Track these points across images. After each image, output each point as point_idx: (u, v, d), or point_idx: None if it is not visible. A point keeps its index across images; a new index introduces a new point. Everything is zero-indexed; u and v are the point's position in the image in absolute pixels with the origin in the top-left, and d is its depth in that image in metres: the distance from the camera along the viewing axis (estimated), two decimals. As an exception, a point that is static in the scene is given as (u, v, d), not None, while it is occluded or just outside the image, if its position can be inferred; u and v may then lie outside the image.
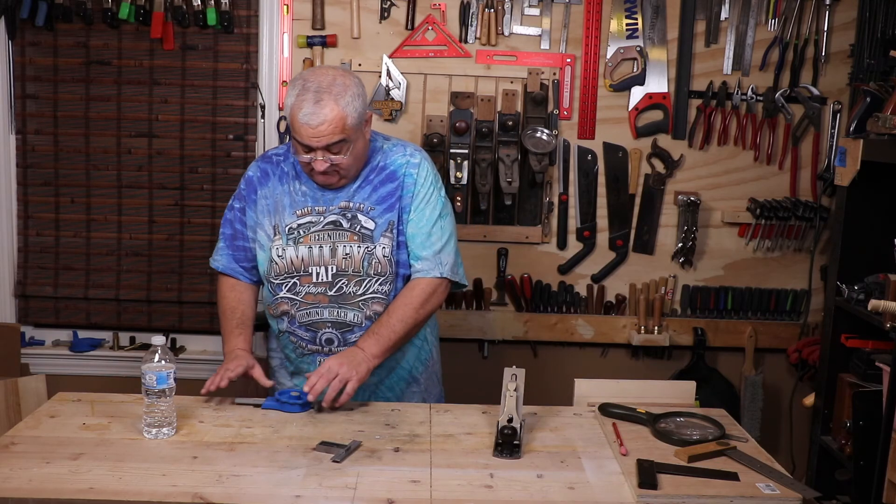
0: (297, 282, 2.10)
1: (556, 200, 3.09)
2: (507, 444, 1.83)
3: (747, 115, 3.05)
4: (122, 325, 3.17)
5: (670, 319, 3.14)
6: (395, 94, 2.98)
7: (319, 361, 2.12)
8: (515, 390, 1.85)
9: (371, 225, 2.09)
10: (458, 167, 2.99)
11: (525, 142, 2.93)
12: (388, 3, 2.95)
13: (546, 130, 2.95)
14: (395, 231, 2.10)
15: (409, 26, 2.96)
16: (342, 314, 2.11)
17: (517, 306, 3.14)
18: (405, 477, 1.72)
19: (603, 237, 3.13)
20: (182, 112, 3.04)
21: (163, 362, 1.84)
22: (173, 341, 3.18)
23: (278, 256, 2.10)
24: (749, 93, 3.03)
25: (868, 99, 2.64)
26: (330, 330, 2.12)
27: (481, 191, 2.98)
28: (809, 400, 2.87)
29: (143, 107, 3.04)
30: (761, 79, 3.04)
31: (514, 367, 1.89)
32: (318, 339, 2.13)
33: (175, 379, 1.86)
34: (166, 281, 3.12)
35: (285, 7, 2.95)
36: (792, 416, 3.17)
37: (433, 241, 2.12)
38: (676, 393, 2.18)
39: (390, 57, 2.97)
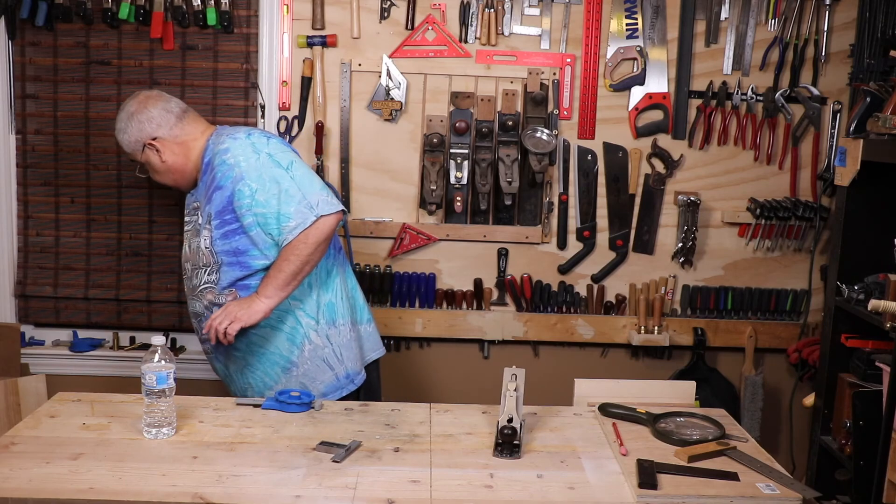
0: (185, 278, 2.36)
1: (556, 200, 3.09)
2: (507, 444, 1.83)
3: (747, 115, 3.05)
4: (122, 325, 3.16)
5: (670, 319, 3.14)
6: (395, 94, 2.98)
7: (204, 350, 2.40)
8: (515, 390, 1.85)
9: (200, 220, 2.26)
10: (458, 167, 2.99)
11: (525, 142, 2.93)
12: (388, 3, 2.95)
13: (546, 130, 2.95)
14: (212, 222, 2.21)
15: (409, 26, 2.96)
16: (195, 305, 2.33)
17: (517, 306, 3.14)
18: (405, 477, 1.72)
19: (603, 237, 3.13)
20: (182, 112, 3.04)
21: (163, 362, 1.84)
22: (173, 341, 3.18)
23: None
24: (749, 93, 3.03)
25: (868, 99, 2.64)
26: (195, 320, 2.37)
27: (481, 191, 2.98)
28: (809, 400, 2.88)
29: (143, 107, 3.03)
30: (761, 79, 3.04)
31: (514, 367, 1.89)
32: (196, 330, 2.38)
33: (175, 379, 1.86)
34: (166, 281, 3.12)
35: (285, 7, 2.95)
36: (792, 416, 3.17)
37: (294, 201, 2.16)
38: (676, 393, 2.19)
39: (390, 57, 2.97)
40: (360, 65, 2.98)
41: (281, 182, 2.16)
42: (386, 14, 2.96)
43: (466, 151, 2.99)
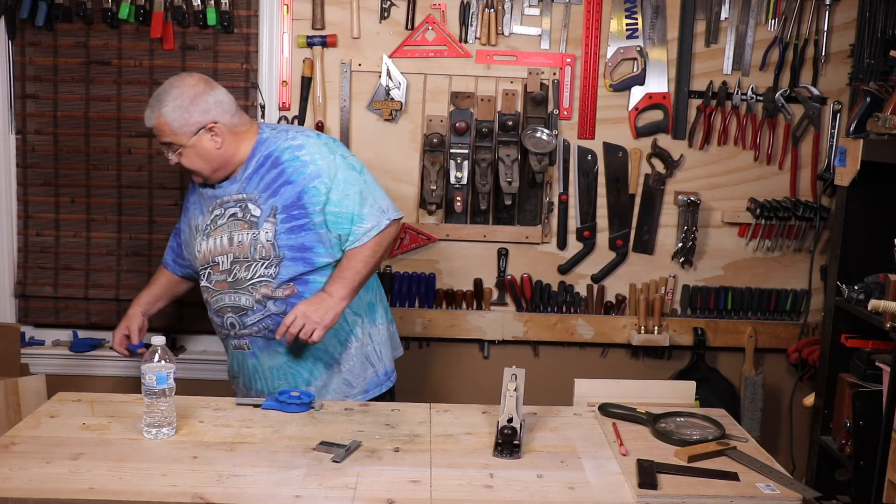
0: (210, 271, 2.28)
1: (556, 200, 3.09)
2: (507, 444, 1.83)
3: (747, 115, 3.05)
4: (122, 325, 3.16)
5: (670, 319, 3.14)
6: (395, 94, 2.98)
7: (233, 345, 2.31)
8: (515, 390, 1.85)
9: (258, 212, 2.21)
10: (458, 167, 2.99)
11: (525, 142, 2.93)
12: (388, 3, 2.95)
13: (546, 130, 2.95)
14: (278, 216, 2.19)
15: (409, 26, 2.96)
16: (237, 299, 2.24)
17: (517, 306, 3.14)
18: (405, 477, 1.72)
19: (603, 237, 3.13)
20: (182, 112, 3.04)
21: (163, 362, 1.84)
22: (173, 341, 3.18)
23: (197, 251, 2.31)
24: (749, 93, 3.03)
25: (868, 99, 2.64)
26: (231, 314, 2.26)
27: (481, 191, 2.98)
28: (809, 400, 2.88)
29: (143, 107, 3.00)
30: (761, 79, 3.04)
31: (514, 367, 1.89)
32: (224, 324, 2.29)
33: (175, 379, 1.86)
34: (166, 281, 3.12)
35: (285, 7, 2.95)
36: (792, 416, 3.17)
37: (368, 204, 2.23)
38: (676, 393, 2.19)
39: (390, 57, 2.97)
40: (360, 65, 2.98)
41: (356, 185, 2.23)
42: (386, 14, 2.96)
43: (466, 151, 2.99)
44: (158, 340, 1.86)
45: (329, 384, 2.31)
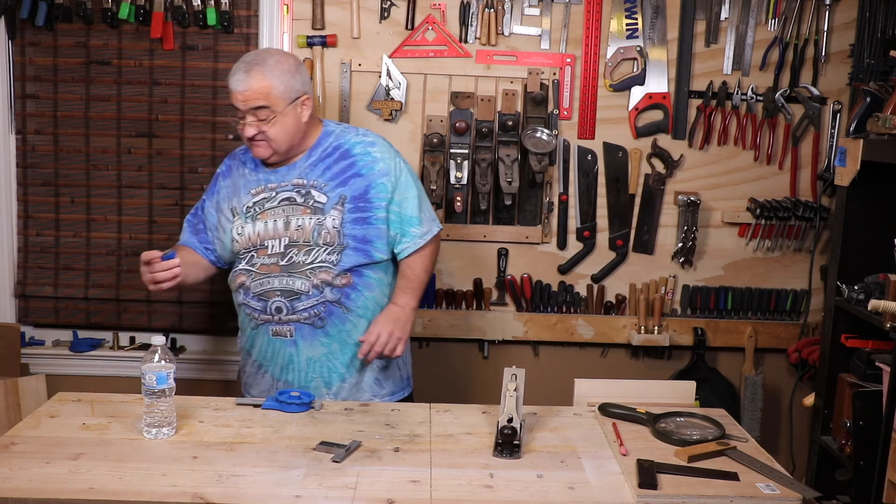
0: (255, 254, 2.26)
1: (556, 200, 3.09)
2: (507, 444, 1.83)
3: (747, 115, 3.05)
4: (122, 325, 3.16)
5: (670, 319, 3.14)
6: (395, 94, 2.98)
7: (272, 331, 2.27)
8: (515, 390, 1.85)
9: (323, 199, 2.24)
10: (458, 167, 2.99)
11: (525, 142, 2.93)
12: (388, 3, 2.95)
13: (546, 130, 2.95)
14: (346, 205, 2.23)
15: (409, 26, 2.96)
16: (291, 282, 2.23)
17: (517, 306, 3.14)
18: (405, 477, 1.72)
19: (603, 237, 3.13)
20: (182, 112, 3.04)
21: (163, 362, 1.84)
22: (173, 341, 3.18)
23: (238, 234, 2.28)
24: (749, 93, 3.03)
25: (868, 99, 2.64)
26: (279, 298, 2.24)
27: (481, 191, 2.98)
28: (809, 400, 2.88)
29: (143, 107, 3.04)
30: (761, 79, 3.04)
31: (514, 367, 1.89)
32: (268, 308, 2.26)
33: (175, 379, 1.86)
34: (166, 281, 3.12)
35: (285, 7, 2.95)
36: (792, 416, 3.17)
37: (424, 210, 2.34)
38: (676, 393, 2.19)
39: (390, 57, 2.97)
40: (360, 65, 2.98)
41: (414, 189, 2.32)
42: (386, 14, 2.96)
43: (466, 151, 2.99)
44: (158, 340, 1.86)
45: (361, 382, 2.33)
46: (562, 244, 3.12)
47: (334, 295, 2.23)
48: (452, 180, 3.00)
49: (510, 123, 2.97)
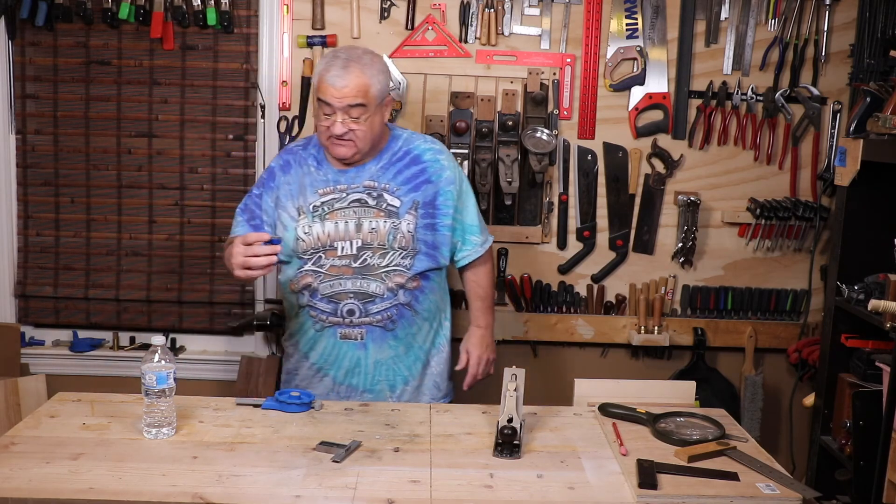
0: (322, 255, 2.23)
1: (556, 200, 3.09)
2: (507, 444, 1.83)
3: (747, 115, 3.05)
4: (122, 325, 3.16)
5: (670, 319, 3.14)
6: (394, 94, 2.98)
7: (340, 333, 2.25)
8: (515, 390, 1.85)
9: (397, 203, 2.24)
10: (459, 167, 2.99)
11: (525, 142, 2.93)
12: (388, 3, 2.95)
13: (546, 130, 2.95)
14: (419, 210, 2.25)
15: (409, 26, 2.96)
16: (366, 285, 2.22)
17: (517, 306, 3.14)
18: (405, 477, 1.72)
19: (603, 237, 3.13)
20: (182, 112, 3.04)
21: (163, 362, 1.84)
22: (173, 341, 3.18)
23: (304, 233, 2.23)
24: (749, 93, 3.02)
25: (868, 99, 2.64)
26: (352, 301, 2.22)
27: (481, 191, 2.98)
28: (809, 400, 2.87)
29: (143, 107, 3.04)
30: (761, 79, 3.04)
31: (514, 367, 1.89)
32: (339, 311, 2.23)
33: (175, 379, 1.86)
34: (166, 281, 3.12)
35: (285, 7, 2.95)
36: (792, 416, 3.17)
37: (480, 220, 2.42)
38: (676, 393, 2.19)
39: (390, 57, 2.96)
40: (360, 65, 2.97)
41: (473, 199, 2.39)
42: (386, 14, 2.96)
43: (466, 151, 2.99)
44: (158, 340, 1.86)
45: (422, 384, 2.35)
46: (562, 244, 3.12)
47: (406, 298, 2.25)
48: (452, 180, 3.00)
49: (510, 123, 2.97)
